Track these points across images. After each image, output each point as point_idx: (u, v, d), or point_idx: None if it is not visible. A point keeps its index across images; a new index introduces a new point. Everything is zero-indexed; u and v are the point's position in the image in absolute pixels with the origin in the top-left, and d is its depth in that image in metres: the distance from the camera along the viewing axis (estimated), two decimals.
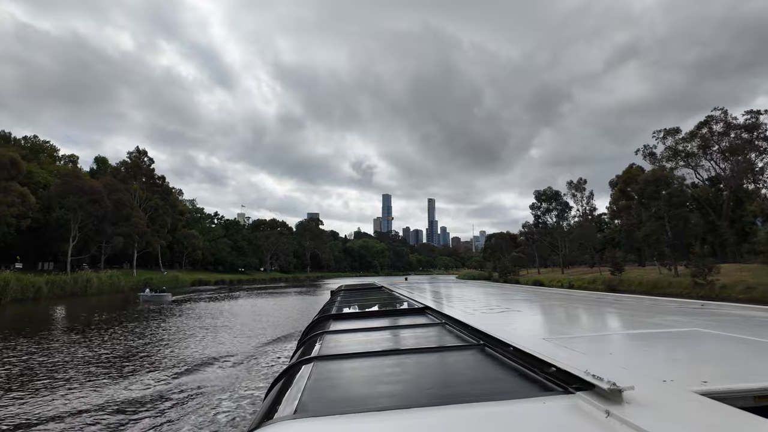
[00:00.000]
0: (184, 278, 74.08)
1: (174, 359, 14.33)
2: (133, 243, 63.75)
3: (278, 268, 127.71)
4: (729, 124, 47.09)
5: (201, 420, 8.60)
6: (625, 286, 49.55)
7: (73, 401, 9.80)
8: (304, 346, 2.80)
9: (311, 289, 60.33)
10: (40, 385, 11.17)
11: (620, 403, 1.20)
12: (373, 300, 6.44)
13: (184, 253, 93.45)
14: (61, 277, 44.61)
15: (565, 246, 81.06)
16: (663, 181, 44.95)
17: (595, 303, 4.84)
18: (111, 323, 23.21)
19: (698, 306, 4.05)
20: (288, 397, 1.59)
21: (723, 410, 1.17)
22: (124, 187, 63.62)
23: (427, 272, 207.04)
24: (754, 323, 2.99)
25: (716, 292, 36.53)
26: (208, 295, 48.87)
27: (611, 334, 2.87)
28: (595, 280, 57.04)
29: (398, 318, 3.92)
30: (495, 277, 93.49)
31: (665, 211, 44.08)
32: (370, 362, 2.09)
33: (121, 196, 60.60)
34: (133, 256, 70.50)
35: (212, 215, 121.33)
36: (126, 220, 60.68)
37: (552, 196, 77.52)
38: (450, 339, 2.68)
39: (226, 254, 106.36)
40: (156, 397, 10.09)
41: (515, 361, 1.87)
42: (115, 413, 9.04)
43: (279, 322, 23.74)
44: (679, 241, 44.36)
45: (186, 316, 26.82)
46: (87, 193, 53.43)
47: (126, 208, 60.88)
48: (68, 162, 72.63)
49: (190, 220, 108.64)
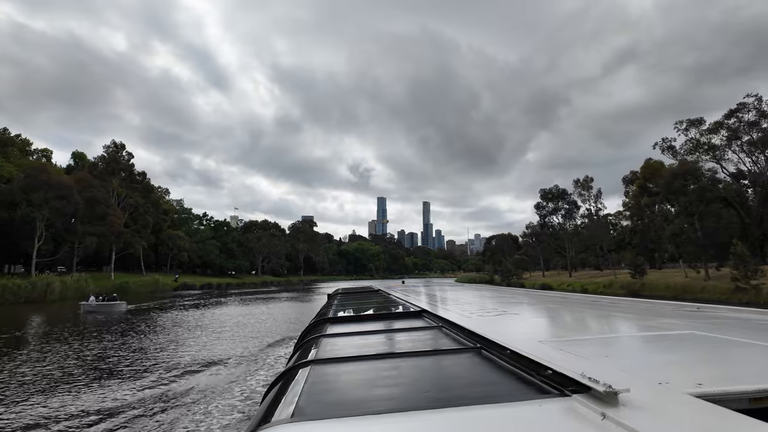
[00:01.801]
0: (166, 282, 68.73)
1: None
2: (110, 244, 58.50)
3: (270, 271, 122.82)
4: (763, 112, 42.95)
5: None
6: (649, 290, 45.01)
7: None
8: (301, 350, 2.81)
9: (304, 295, 55.45)
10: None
11: (616, 406, 1.21)
12: (370, 303, 6.49)
13: (168, 255, 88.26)
14: (16, 281, 39.35)
15: (572, 248, 76.86)
16: (692, 173, 40.72)
17: (591, 306, 4.77)
18: (13, 344, 17.71)
19: (694, 308, 4.00)
20: (285, 400, 1.59)
21: (718, 412, 1.18)
22: (99, 183, 58.41)
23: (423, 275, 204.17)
24: (749, 325, 2.96)
25: (763, 298, 32.17)
26: (188, 301, 43.84)
27: (607, 337, 2.85)
28: (612, 284, 52.64)
29: (395, 321, 3.89)
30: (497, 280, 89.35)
31: (695, 207, 39.87)
32: (367, 365, 2.07)
33: (96, 192, 55.46)
34: (111, 258, 65.25)
35: (201, 216, 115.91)
36: (101, 218, 55.52)
37: (558, 195, 73.22)
38: (447, 342, 2.68)
39: (215, 257, 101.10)
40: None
41: (512, 364, 1.86)
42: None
43: (256, 345, 17.21)
44: (710, 240, 40.11)
45: (132, 333, 20.69)
46: (54, 188, 48.29)
47: (101, 206, 55.75)
48: (41, 157, 67.27)
49: (177, 221, 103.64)
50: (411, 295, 7.40)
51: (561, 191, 72.49)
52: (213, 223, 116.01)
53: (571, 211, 72.99)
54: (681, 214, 40.85)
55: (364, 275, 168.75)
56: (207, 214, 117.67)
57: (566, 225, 75.99)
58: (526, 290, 10.06)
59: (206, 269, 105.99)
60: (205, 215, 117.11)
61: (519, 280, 79.03)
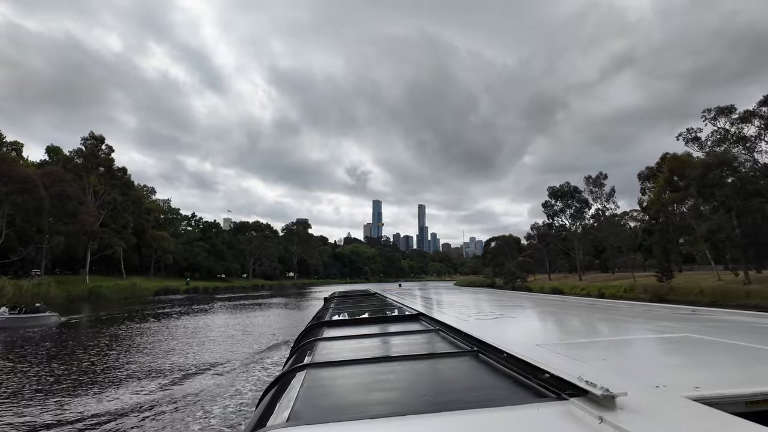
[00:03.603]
0: (146, 286, 63.52)
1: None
2: (82, 244, 53.34)
3: (262, 274, 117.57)
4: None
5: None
6: (678, 294, 40.67)
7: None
8: (297, 353, 2.76)
9: (297, 300, 50.58)
10: None
11: (613, 409, 1.22)
12: (366, 306, 6.37)
13: (152, 257, 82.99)
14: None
15: (581, 249, 72.58)
16: (728, 164, 36.52)
17: (589, 309, 4.77)
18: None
19: (690, 312, 4.01)
20: (281, 404, 1.58)
21: (715, 416, 1.19)
22: (71, 177, 53.30)
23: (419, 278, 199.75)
24: (745, 329, 2.95)
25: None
26: (162, 308, 38.87)
27: (604, 340, 2.82)
28: (633, 288, 48.33)
29: (392, 324, 3.87)
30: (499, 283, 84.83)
31: (732, 201, 35.65)
32: (363, 369, 2.06)
33: (66, 187, 50.35)
34: (86, 260, 60.03)
35: (189, 217, 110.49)
36: (72, 216, 50.40)
37: (569, 192, 68.92)
38: (444, 345, 2.66)
39: (202, 259, 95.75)
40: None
41: (509, 368, 1.85)
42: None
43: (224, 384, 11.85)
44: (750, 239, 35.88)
45: (44, 362, 14.95)
46: (16, 180, 43.23)
47: (72, 202, 50.63)
48: (11, 150, 62.00)
49: (163, 222, 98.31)
50: (408, 298, 7.26)
51: (572, 188, 68.17)
52: (202, 224, 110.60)
53: (581, 210, 68.68)
54: (719, 209, 36.53)
55: (359, 278, 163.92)
56: (195, 215, 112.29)
57: (575, 225, 71.69)
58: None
59: (194, 272, 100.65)
60: (193, 216, 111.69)
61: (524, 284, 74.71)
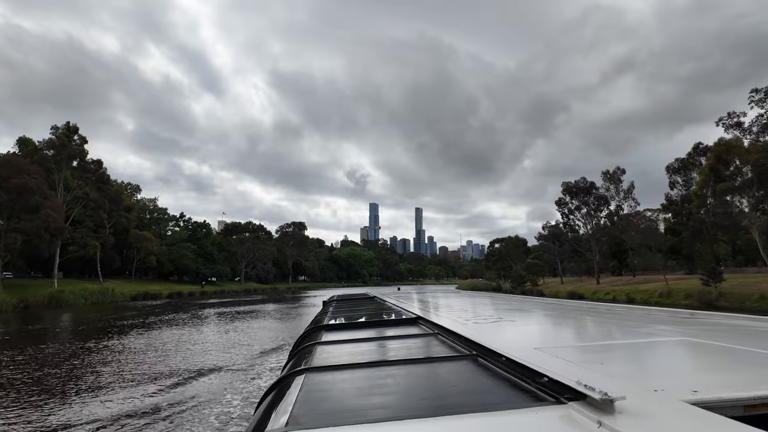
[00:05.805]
0: (124, 290, 57.43)
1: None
2: (45, 243, 47.26)
3: (255, 278, 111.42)
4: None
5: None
6: (732, 300, 35.20)
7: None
8: (296, 358, 2.77)
9: (293, 307, 44.71)
10: None
11: (612, 413, 1.21)
12: (365, 310, 6.33)
13: (135, 259, 76.87)
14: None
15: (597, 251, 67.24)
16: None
17: (587, 313, 4.77)
18: None
19: (688, 315, 4.01)
20: (279, 409, 1.57)
21: (713, 420, 1.19)
22: (34, 169, 47.22)
23: (418, 282, 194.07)
24: (742, 332, 2.95)
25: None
26: (128, 319, 32.97)
27: (603, 344, 2.79)
28: (671, 293, 42.86)
29: (390, 328, 3.86)
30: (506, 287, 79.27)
31: None
32: (362, 373, 2.06)
33: (28, 180, 44.33)
34: (54, 262, 53.97)
35: (177, 217, 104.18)
36: (33, 212, 44.38)
37: (585, 188, 63.61)
38: (442, 349, 2.66)
39: (190, 261, 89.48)
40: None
41: (508, 372, 1.85)
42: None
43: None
44: None
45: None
46: None
47: (34, 197, 44.63)
48: None
49: (149, 222, 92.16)
50: (406, 302, 7.17)
51: (589, 184, 62.85)
52: (191, 225, 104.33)
53: (598, 208, 63.41)
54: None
55: (356, 282, 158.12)
56: (184, 215, 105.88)
57: (591, 224, 66.42)
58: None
59: (182, 276, 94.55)
60: (182, 216, 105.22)
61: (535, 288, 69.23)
